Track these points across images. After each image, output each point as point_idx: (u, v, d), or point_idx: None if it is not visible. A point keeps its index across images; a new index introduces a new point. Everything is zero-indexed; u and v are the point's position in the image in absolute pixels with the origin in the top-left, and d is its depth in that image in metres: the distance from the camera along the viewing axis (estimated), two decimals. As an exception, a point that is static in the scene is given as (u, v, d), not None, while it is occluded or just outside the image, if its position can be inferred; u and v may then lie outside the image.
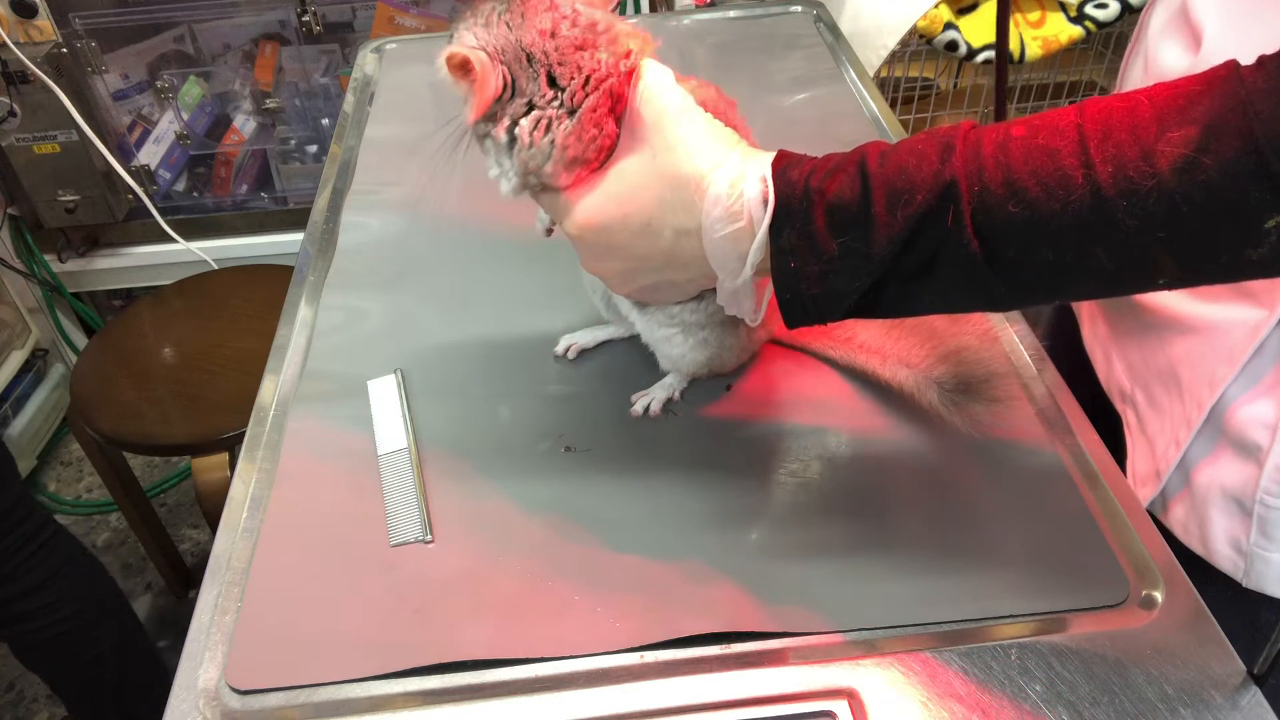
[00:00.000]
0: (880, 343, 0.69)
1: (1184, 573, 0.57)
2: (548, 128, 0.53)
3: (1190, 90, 0.40)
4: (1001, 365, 0.66)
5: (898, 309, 0.49)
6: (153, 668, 1.41)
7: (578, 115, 0.53)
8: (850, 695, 0.52)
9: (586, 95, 0.53)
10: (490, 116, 0.55)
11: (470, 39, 0.53)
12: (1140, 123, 0.40)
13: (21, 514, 1.19)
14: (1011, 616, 0.55)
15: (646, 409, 0.69)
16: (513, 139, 0.54)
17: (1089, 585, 0.57)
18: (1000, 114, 0.87)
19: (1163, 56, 0.64)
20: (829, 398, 0.70)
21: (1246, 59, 0.40)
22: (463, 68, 0.52)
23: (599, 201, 0.54)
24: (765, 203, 0.47)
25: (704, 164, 0.49)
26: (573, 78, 0.53)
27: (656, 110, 0.52)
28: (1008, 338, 0.74)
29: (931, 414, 0.66)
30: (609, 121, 0.54)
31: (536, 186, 0.56)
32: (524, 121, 0.54)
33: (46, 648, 1.29)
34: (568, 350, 0.75)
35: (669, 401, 0.70)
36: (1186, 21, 0.62)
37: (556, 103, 0.53)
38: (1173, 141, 0.39)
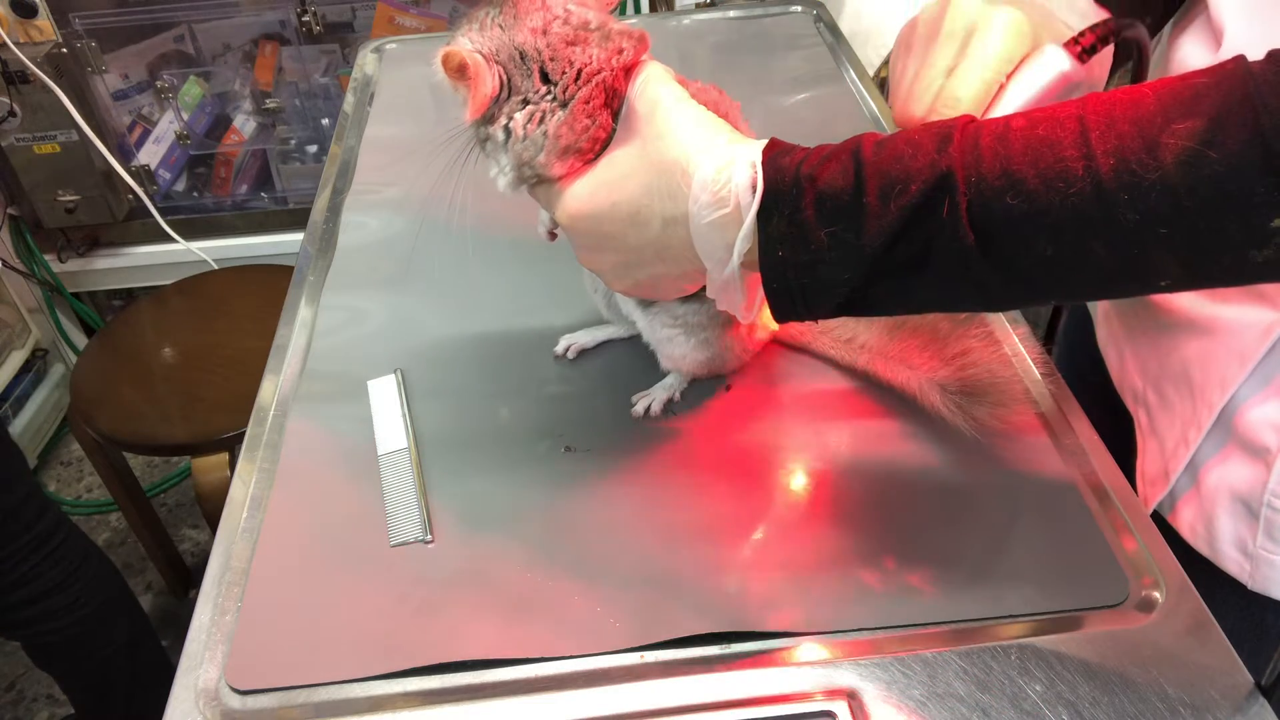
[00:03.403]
0: (882, 344, 0.69)
1: (1185, 574, 0.57)
2: (541, 120, 0.54)
3: (1196, 83, 0.39)
4: (1005, 368, 0.66)
5: (890, 305, 0.48)
6: (162, 667, 1.41)
7: (570, 106, 0.53)
8: (850, 695, 0.52)
9: (579, 88, 0.53)
10: (489, 118, 0.55)
11: (466, 43, 0.54)
12: (1144, 115, 0.39)
13: (32, 515, 1.18)
14: (1012, 616, 0.55)
15: (647, 409, 0.69)
16: (508, 134, 0.55)
17: (1090, 586, 0.57)
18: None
19: (1183, 55, 0.64)
20: (830, 398, 0.70)
21: None
22: (459, 70, 0.53)
23: (589, 188, 0.53)
24: (753, 189, 0.46)
25: (691, 150, 0.49)
26: (564, 72, 0.53)
27: (650, 102, 0.51)
28: (1011, 341, 0.74)
29: (933, 416, 0.66)
30: (603, 114, 0.54)
31: (532, 179, 0.56)
32: (518, 115, 0.54)
33: (61, 649, 1.28)
34: (568, 350, 0.75)
35: (669, 402, 0.70)
36: (1207, 19, 0.62)
37: (550, 97, 0.54)
38: (1177, 134, 0.38)
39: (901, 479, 0.64)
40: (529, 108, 0.54)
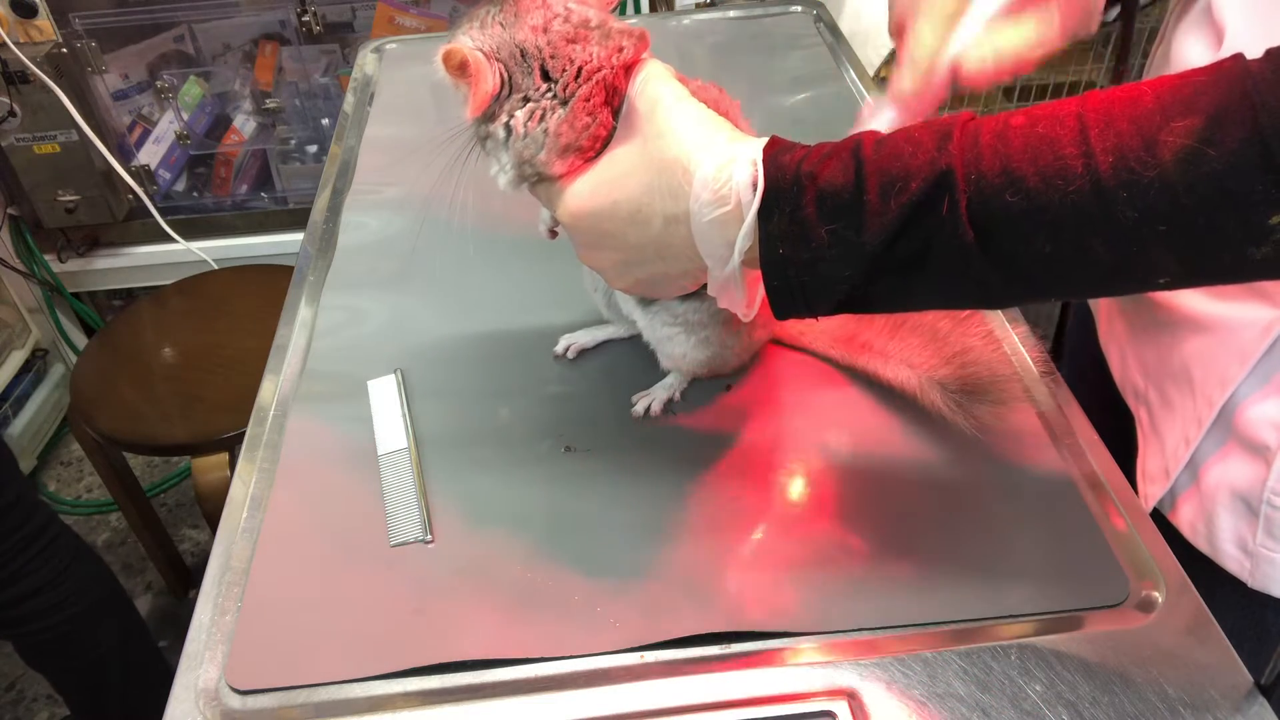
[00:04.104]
0: (883, 343, 0.69)
1: (1185, 573, 0.57)
2: (541, 118, 0.54)
3: (1195, 81, 0.39)
4: (1005, 367, 0.66)
5: (890, 303, 0.48)
6: (156, 667, 1.41)
7: (570, 104, 0.53)
8: (850, 695, 0.52)
9: (579, 86, 0.53)
10: (489, 116, 0.55)
11: (467, 41, 0.54)
12: (1143, 112, 0.40)
13: (23, 514, 1.18)
14: (1011, 616, 0.55)
15: (647, 409, 0.69)
16: (509, 132, 0.55)
17: (1089, 585, 0.57)
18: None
19: (1185, 54, 0.64)
20: (830, 398, 0.70)
21: None
22: (460, 67, 0.53)
23: (590, 187, 0.54)
24: (754, 187, 0.46)
25: (692, 148, 0.49)
26: (564, 69, 0.53)
27: (651, 100, 0.52)
28: (1011, 339, 0.74)
29: (934, 415, 0.66)
30: (604, 112, 0.54)
31: (533, 177, 0.57)
32: (519, 113, 0.54)
33: (51, 648, 1.28)
34: (568, 350, 0.75)
35: (670, 401, 0.70)
36: (1209, 19, 0.62)
37: (550, 94, 0.54)
38: (1176, 131, 0.38)
39: (901, 478, 0.64)
40: (529, 105, 0.54)
